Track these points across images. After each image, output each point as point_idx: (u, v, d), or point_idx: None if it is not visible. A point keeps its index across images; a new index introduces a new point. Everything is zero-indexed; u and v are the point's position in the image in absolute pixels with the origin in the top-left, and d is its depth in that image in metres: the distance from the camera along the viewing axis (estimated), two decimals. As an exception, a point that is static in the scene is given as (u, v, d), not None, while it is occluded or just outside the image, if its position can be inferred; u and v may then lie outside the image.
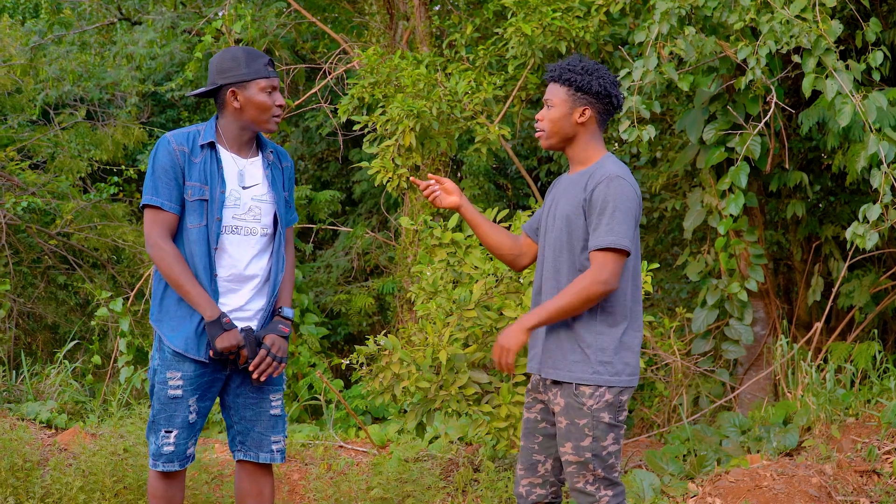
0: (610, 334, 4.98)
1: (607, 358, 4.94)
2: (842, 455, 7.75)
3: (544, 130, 5.15)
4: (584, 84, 5.04)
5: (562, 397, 4.99)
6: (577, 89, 5.06)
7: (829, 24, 8.01)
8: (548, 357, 5.08)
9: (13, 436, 7.74)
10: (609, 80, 5.09)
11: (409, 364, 7.29)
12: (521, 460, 5.30)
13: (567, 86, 5.08)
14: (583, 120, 5.08)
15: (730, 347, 9.91)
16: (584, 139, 5.13)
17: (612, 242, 4.85)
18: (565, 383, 4.98)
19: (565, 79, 5.08)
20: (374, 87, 9.74)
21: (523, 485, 5.28)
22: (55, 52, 16.08)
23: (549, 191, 5.42)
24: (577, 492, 5.00)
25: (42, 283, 14.40)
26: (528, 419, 5.27)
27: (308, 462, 8.65)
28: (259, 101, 5.35)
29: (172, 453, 5.36)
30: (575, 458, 4.97)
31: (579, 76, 5.05)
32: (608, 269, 4.85)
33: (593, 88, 5.05)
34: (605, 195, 4.91)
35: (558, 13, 9.12)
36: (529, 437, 5.26)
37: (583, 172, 5.09)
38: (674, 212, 11.71)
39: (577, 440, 4.96)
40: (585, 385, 4.93)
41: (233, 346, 5.20)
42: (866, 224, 7.97)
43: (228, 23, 11.26)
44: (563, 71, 5.09)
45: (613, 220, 4.89)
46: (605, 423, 4.95)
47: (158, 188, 5.27)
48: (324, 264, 15.41)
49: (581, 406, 4.94)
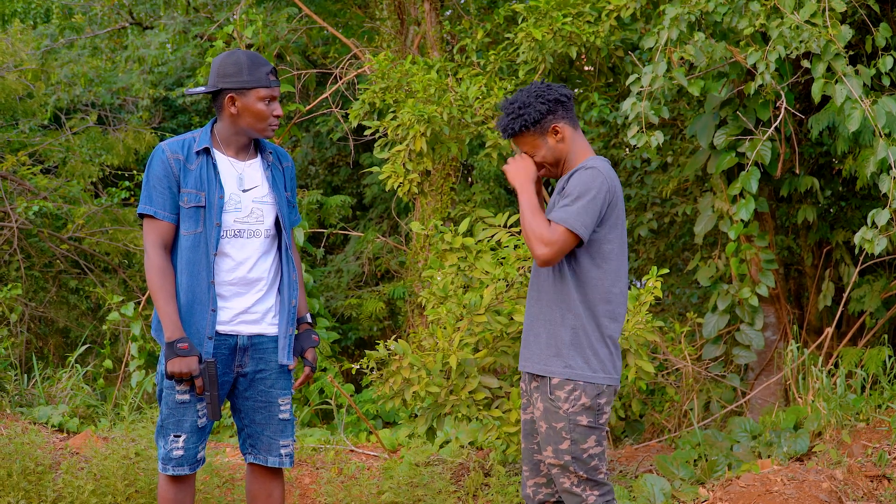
0: (586, 331, 5.04)
1: (582, 354, 5.01)
2: (852, 460, 7.75)
3: (547, 171, 5.25)
4: (532, 117, 5.11)
5: (540, 401, 5.07)
6: (532, 125, 5.13)
7: (838, 29, 8.01)
8: (527, 350, 5.18)
9: (25, 439, 7.76)
10: (542, 92, 5.15)
11: (420, 369, 7.30)
12: (525, 461, 5.36)
13: (524, 131, 5.16)
14: (561, 136, 5.16)
15: (740, 352, 9.91)
16: (572, 148, 5.22)
17: (561, 220, 4.90)
18: (542, 383, 5.07)
19: (516, 127, 5.14)
20: (385, 92, 9.75)
21: (529, 486, 5.36)
22: (66, 56, 16.11)
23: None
24: (565, 492, 5.08)
25: (54, 287, 14.42)
26: (526, 420, 5.34)
27: (319, 466, 8.66)
28: (257, 109, 5.35)
29: (182, 457, 5.37)
30: (555, 461, 5.05)
31: (522, 116, 5.12)
32: (553, 243, 4.89)
33: (542, 111, 5.12)
34: (574, 183, 5.00)
35: (569, 18, 9.13)
36: (528, 437, 5.32)
37: (564, 178, 5.18)
38: (684, 217, 11.70)
39: (555, 444, 5.03)
40: (559, 382, 5.00)
41: (183, 374, 5.19)
42: (875, 229, 7.97)
43: (240, 28, 11.27)
44: (508, 123, 5.16)
45: (573, 202, 4.93)
46: (582, 426, 5.01)
47: (153, 197, 5.30)
48: (334, 269, 15.42)
49: (556, 410, 5.01)
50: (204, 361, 5.25)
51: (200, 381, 5.22)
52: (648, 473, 7.87)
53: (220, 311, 5.36)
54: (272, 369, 5.49)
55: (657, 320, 8.33)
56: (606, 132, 12.31)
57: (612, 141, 12.38)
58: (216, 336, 5.33)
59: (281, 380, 5.51)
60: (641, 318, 7.56)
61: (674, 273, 12.87)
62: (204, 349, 5.28)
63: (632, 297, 7.84)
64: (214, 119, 5.51)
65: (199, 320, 5.31)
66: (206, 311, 5.31)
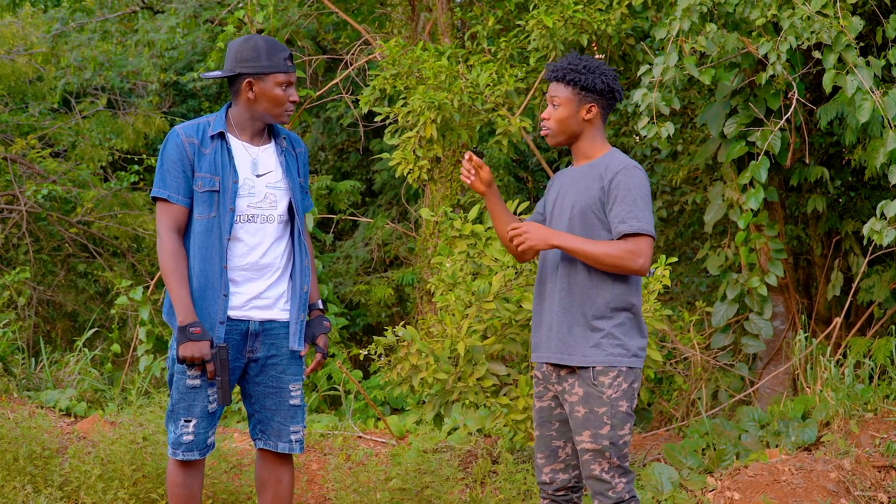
0: (628, 318, 5.12)
1: (620, 341, 5.07)
2: (860, 450, 7.75)
3: (551, 129, 5.26)
4: (589, 82, 5.17)
5: (580, 387, 5.07)
6: (581, 88, 5.18)
7: (849, 20, 7.99)
8: (562, 344, 5.15)
9: (32, 423, 7.77)
10: (610, 75, 5.23)
11: (428, 355, 7.30)
12: (541, 449, 5.36)
13: (572, 85, 5.19)
14: (589, 117, 5.22)
15: (749, 342, 9.91)
16: (590, 134, 5.26)
17: (641, 228, 4.96)
18: (582, 371, 5.06)
19: (570, 79, 5.19)
20: (396, 78, 9.75)
21: (546, 472, 5.35)
22: (77, 39, 16.10)
23: (551, 183, 5.52)
24: (593, 479, 5.08)
25: (62, 271, 14.44)
26: (542, 408, 5.35)
27: (327, 452, 8.67)
28: (274, 94, 5.37)
29: (192, 442, 5.38)
30: (592, 446, 5.04)
31: (583, 75, 5.17)
32: (645, 254, 4.98)
33: (597, 86, 5.18)
34: (627, 184, 5.03)
35: (580, 6, 9.12)
36: (545, 425, 5.33)
37: (592, 164, 5.21)
38: (694, 205, 11.69)
39: (595, 428, 5.04)
40: (603, 368, 5.03)
41: (195, 358, 5.19)
42: (884, 221, 7.96)
43: (251, 13, 11.26)
44: (567, 71, 5.20)
45: (637, 207, 5.01)
46: (622, 412, 5.06)
47: (167, 180, 5.32)
48: (343, 255, 15.41)
49: (600, 395, 5.02)
50: (215, 346, 5.26)
51: (212, 365, 5.23)
52: (656, 462, 7.87)
53: (233, 297, 5.36)
54: (283, 355, 5.50)
55: (666, 308, 8.33)
56: (617, 120, 12.30)
57: (622, 129, 12.37)
58: (228, 321, 5.34)
59: (292, 366, 5.52)
60: (650, 306, 7.56)
61: (683, 261, 12.86)
62: (216, 334, 5.29)
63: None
64: (229, 103, 5.52)
65: (211, 305, 5.31)
66: (218, 295, 5.32)
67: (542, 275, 5.31)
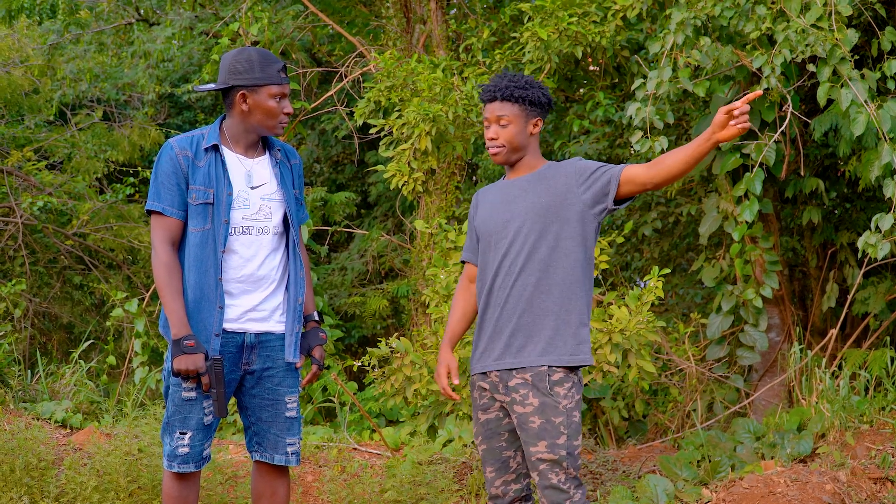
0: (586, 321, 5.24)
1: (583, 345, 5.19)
2: (856, 462, 7.75)
3: (504, 147, 5.32)
4: (535, 97, 5.28)
5: (534, 396, 5.12)
6: (528, 103, 5.28)
7: (844, 32, 8.01)
8: (549, 346, 5.19)
9: (28, 435, 7.76)
10: (545, 88, 5.37)
11: (421, 367, 7.31)
12: (490, 462, 5.39)
13: (520, 102, 5.28)
14: (536, 130, 5.34)
15: (744, 353, 9.91)
16: (534, 147, 5.40)
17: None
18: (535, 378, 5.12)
19: (517, 95, 5.27)
20: (391, 90, 9.77)
21: (497, 485, 5.38)
22: (72, 51, 16.12)
23: (479, 202, 5.57)
24: (551, 489, 5.10)
25: (58, 283, 14.43)
26: (489, 420, 5.37)
27: (322, 464, 8.67)
28: (268, 106, 5.37)
29: (188, 455, 5.38)
30: (550, 456, 5.08)
31: (527, 91, 5.28)
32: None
33: (541, 100, 5.31)
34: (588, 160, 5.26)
35: (574, 18, 9.15)
36: (494, 437, 5.36)
37: (539, 171, 5.34)
38: (689, 217, 11.70)
39: (552, 438, 5.08)
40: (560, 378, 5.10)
41: (189, 371, 5.18)
42: (879, 234, 7.98)
43: (245, 25, 11.28)
44: (513, 88, 5.27)
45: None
46: (575, 422, 5.13)
47: (161, 193, 5.32)
48: (338, 266, 15.41)
49: (556, 405, 5.08)
50: (210, 358, 5.25)
51: (207, 378, 5.22)
52: (651, 474, 7.87)
53: (228, 309, 5.36)
54: (279, 367, 5.50)
55: (660, 320, 8.34)
56: (612, 132, 12.31)
57: (617, 140, 12.38)
58: (223, 333, 5.34)
59: (288, 378, 5.52)
60: (643, 317, 7.57)
61: (678, 273, 12.88)
62: (211, 346, 5.29)
63: (633, 297, 7.85)
64: (223, 116, 5.53)
65: (207, 317, 5.31)
66: (213, 308, 5.32)
67: (491, 281, 5.31)
